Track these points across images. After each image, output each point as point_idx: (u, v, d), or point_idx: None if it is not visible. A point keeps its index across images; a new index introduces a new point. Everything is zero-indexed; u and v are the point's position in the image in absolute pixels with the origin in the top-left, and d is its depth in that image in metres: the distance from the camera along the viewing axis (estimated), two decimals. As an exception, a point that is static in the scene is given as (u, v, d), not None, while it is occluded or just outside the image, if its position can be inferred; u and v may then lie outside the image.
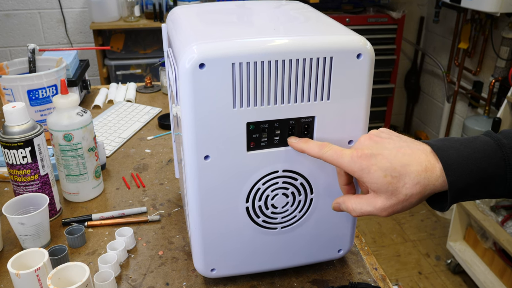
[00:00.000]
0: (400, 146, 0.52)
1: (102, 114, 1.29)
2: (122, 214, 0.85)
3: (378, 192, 0.52)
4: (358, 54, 0.56)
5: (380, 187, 0.51)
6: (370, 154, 0.52)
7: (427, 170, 0.50)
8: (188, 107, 0.54)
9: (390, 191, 0.51)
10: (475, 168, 0.48)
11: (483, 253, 1.96)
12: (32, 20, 2.71)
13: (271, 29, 0.61)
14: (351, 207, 0.55)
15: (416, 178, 0.50)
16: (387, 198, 0.51)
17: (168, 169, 1.02)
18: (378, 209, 0.52)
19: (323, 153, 0.55)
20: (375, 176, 0.51)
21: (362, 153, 0.52)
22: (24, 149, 0.77)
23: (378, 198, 0.52)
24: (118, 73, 2.60)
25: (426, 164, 0.50)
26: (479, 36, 2.43)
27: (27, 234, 0.74)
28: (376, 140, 0.53)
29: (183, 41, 0.57)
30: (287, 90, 0.56)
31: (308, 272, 0.72)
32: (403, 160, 0.50)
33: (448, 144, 0.51)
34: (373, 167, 0.51)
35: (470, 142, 0.50)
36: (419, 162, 0.50)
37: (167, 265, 0.73)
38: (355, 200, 0.55)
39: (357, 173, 0.52)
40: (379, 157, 0.51)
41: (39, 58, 1.20)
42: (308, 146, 0.57)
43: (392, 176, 0.50)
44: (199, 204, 0.60)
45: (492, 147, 0.49)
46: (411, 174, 0.50)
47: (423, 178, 0.50)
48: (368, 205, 0.53)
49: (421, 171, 0.50)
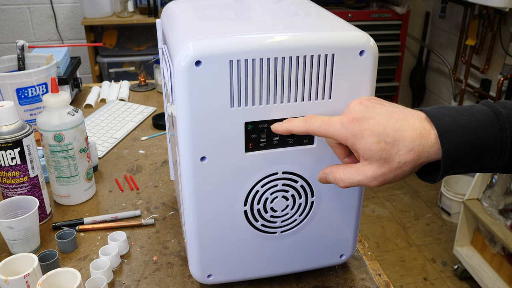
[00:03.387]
0: (393, 111, 0.51)
1: (94, 113, 1.29)
2: (115, 217, 0.85)
3: (370, 160, 0.50)
4: (361, 51, 0.56)
5: (373, 154, 0.50)
6: (362, 118, 0.50)
7: (421, 136, 0.49)
8: (183, 106, 0.54)
9: (383, 158, 0.49)
10: (471, 137, 0.48)
11: (491, 258, 1.96)
12: (21, 16, 2.71)
13: (271, 25, 0.61)
14: (339, 177, 0.54)
15: (410, 144, 0.49)
16: (379, 166, 0.50)
17: (163, 170, 1.02)
18: (368, 178, 0.51)
19: (310, 126, 0.53)
20: (368, 142, 0.49)
21: (353, 117, 0.51)
22: (13, 150, 0.77)
23: (369, 166, 0.51)
24: (111, 71, 2.60)
25: (420, 130, 0.49)
26: (487, 32, 2.44)
27: (16, 238, 0.74)
28: (367, 105, 0.52)
29: (179, 38, 0.57)
30: (287, 88, 0.56)
31: (309, 278, 0.72)
32: (396, 125, 0.49)
33: (444, 112, 0.50)
34: (366, 132, 0.50)
35: (467, 110, 0.50)
36: (413, 128, 0.49)
37: (162, 271, 0.73)
38: (343, 170, 0.53)
39: (350, 140, 0.51)
40: (372, 122, 0.50)
41: (29, 55, 1.20)
42: (292, 124, 0.55)
43: (386, 142, 0.49)
44: (195, 207, 0.60)
45: (490, 117, 0.49)
46: (405, 140, 0.49)
47: (418, 145, 0.49)
48: (358, 174, 0.52)
49: (416, 137, 0.49)
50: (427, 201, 2.65)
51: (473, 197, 1.99)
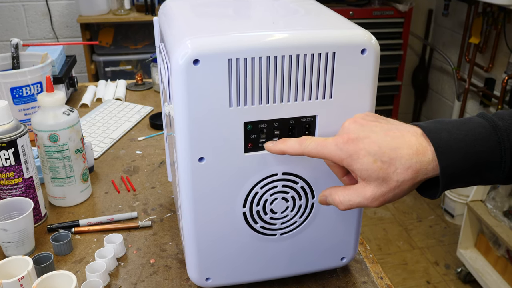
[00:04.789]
0: (389, 128, 0.51)
1: (90, 113, 1.29)
2: (111, 219, 0.85)
3: (368, 180, 0.51)
4: (362, 50, 0.56)
5: (370, 174, 0.50)
6: (357, 138, 0.50)
7: (418, 153, 0.49)
8: (181, 106, 0.54)
9: (381, 177, 0.50)
10: (469, 151, 0.48)
11: (495, 261, 1.97)
12: (16, 13, 2.71)
13: (270, 23, 0.61)
14: (338, 200, 0.54)
15: (408, 162, 0.49)
16: (377, 186, 0.50)
17: (160, 171, 1.02)
18: (368, 199, 0.51)
19: (305, 148, 0.53)
20: (365, 162, 0.50)
21: (348, 137, 0.51)
22: (7, 150, 0.77)
23: (367, 187, 0.51)
24: (107, 70, 2.60)
25: (417, 146, 0.49)
26: (491, 30, 2.44)
27: (10, 241, 0.74)
28: (361, 123, 0.52)
29: (176, 36, 0.57)
30: (286, 87, 0.56)
31: (309, 281, 0.72)
32: (392, 144, 0.49)
33: (440, 126, 0.50)
34: (362, 152, 0.50)
35: (463, 124, 0.50)
36: (410, 145, 0.49)
37: (159, 274, 0.73)
38: (342, 192, 0.54)
39: (346, 160, 0.51)
40: (367, 141, 0.50)
41: (23, 53, 1.20)
42: (286, 145, 0.55)
43: (382, 161, 0.49)
44: (193, 209, 0.60)
45: (487, 130, 0.49)
46: (401, 158, 0.49)
47: (415, 162, 0.49)
48: (357, 195, 0.52)
49: (412, 154, 0.49)
50: (430, 203, 2.66)
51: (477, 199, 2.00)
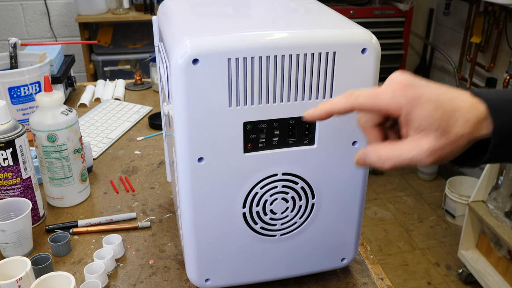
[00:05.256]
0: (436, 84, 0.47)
1: (89, 113, 1.29)
2: (110, 220, 0.85)
3: (427, 131, 0.46)
4: (363, 49, 0.56)
5: (432, 123, 0.45)
6: (413, 85, 0.46)
7: (474, 107, 0.45)
8: (180, 106, 0.54)
9: (441, 128, 0.45)
10: None
11: (497, 262, 1.96)
12: (14, 13, 2.71)
13: (270, 22, 0.61)
14: (384, 156, 0.48)
15: (467, 114, 0.45)
16: (436, 138, 0.45)
17: (159, 172, 1.02)
18: (424, 153, 0.46)
19: (355, 100, 0.48)
20: (426, 108, 0.45)
21: (405, 84, 0.46)
22: (5, 150, 0.77)
23: (424, 138, 0.46)
24: (105, 69, 2.60)
25: (471, 101, 0.46)
26: (493, 29, 2.44)
27: (8, 241, 0.74)
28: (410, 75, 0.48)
29: (176, 35, 0.57)
30: (286, 87, 0.56)
31: (310, 282, 0.72)
32: (448, 94, 0.46)
33: (486, 91, 0.47)
34: (423, 98, 0.45)
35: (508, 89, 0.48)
36: (464, 99, 0.46)
37: (158, 275, 0.73)
38: (389, 147, 0.48)
39: (405, 107, 0.45)
40: (424, 88, 0.46)
41: (21, 53, 1.20)
42: (332, 103, 0.49)
43: (444, 111, 0.45)
44: (192, 209, 0.60)
45: None
46: (462, 109, 0.45)
47: (473, 116, 0.45)
48: (411, 149, 0.46)
49: (470, 107, 0.45)
50: (431, 203, 2.66)
51: (478, 199, 1.99)
